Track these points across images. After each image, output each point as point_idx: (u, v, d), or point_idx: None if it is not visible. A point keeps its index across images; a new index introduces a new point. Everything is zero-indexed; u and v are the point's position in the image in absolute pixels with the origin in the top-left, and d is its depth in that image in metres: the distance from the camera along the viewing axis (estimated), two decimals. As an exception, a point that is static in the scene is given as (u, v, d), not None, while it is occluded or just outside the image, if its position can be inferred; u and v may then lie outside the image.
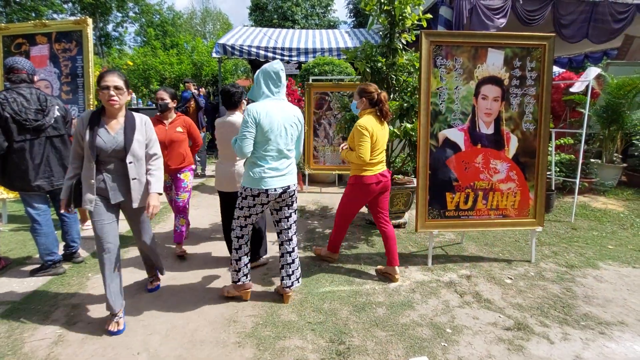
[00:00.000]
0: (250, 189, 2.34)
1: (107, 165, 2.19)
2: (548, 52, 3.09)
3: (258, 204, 2.37)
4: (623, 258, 3.36)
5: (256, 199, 2.35)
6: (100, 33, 24.13)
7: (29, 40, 4.22)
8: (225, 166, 2.92)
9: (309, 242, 3.79)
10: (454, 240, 3.80)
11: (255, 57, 8.59)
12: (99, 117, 2.18)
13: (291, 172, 2.44)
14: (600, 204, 5.02)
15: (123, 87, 2.14)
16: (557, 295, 2.71)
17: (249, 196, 2.36)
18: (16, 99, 2.68)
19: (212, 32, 30.89)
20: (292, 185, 2.43)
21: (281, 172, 2.36)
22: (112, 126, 2.18)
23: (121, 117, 2.22)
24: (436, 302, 2.61)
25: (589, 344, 2.17)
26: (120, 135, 2.17)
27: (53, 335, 2.22)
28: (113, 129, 2.18)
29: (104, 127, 2.16)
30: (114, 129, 2.18)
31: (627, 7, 6.31)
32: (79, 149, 2.21)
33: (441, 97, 3.09)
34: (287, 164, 2.41)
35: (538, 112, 3.16)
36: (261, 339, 2.20)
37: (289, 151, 2.40)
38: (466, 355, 2.06)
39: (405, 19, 3.77)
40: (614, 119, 5.51)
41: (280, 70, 2.36)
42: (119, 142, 2.16)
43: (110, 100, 2.10)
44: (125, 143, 2.17)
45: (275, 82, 2.36)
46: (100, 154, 2.13)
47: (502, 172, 3.18)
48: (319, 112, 6.01)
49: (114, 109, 2.15)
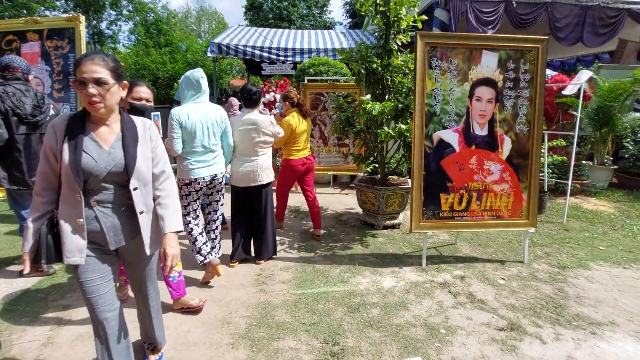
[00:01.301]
0: (183, 179, 2.71)
1: (99, 195, 1.49)
2: (541, 54, 3.12)
3: (192, 191, 2.74)
4: (614, 259, 3.40)
5: (189, 187, 2.72)
6: (94, 31, 23.87)
7: (20, 37, 4.16)
8: (244, 162, 3.08)
9: (304, 242, 3.78)
10: (448, 241, 3.82)
11: (251, 56, 8.57)
12: (83, 123, 1.47)
13: (218, 163, 2.82)
14: (592, 205, 5.08)
15: (109, 79, 1.41)
16: (550, 296, 2.73)
17: (184, 185, 2.73)
18: (15, 92, 2.70)
19: (207, 31, 30.74)
20: (219, 174, 2.83)
21: (208, 164, 2.74)
22: (103, 137, 1.49)
23: (115, 123, 1.53)
24: (430, 303, 2.62)
25: (581, 344, 2.19)
26: (118, 150, 1.49)
27: (43, 337, 2.18)
28: (106, 140, 1.49)
29: (92, 139, 1.46)
30: (107, 140, 1.49)
31: (618, 12, 6.40)
32: (50, 175, 1.48)
33: (436, 98, 3.10)
34: (213, 156, 2.79)
35: (531, 114, 3.19)
36: (255, 340, 2.19)
37: (213, 145, 2.77)
38: (460, 356, 2.07)
39: (401, 20, 3.77)
40: (605, 122, 5.59)
41: (200, 78, 2.67)
42: (117, 160, 1.48)
43: (91, 104, 1.40)
44: (127, 160, 1.48)
45: (196, 88, 2.69)
46: (89, 180, 1.45)
47: (495, 174, 3.20)
48: (314, 112, 6.01)
49: (99, 113, 1.46)
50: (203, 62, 14.30)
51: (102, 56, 1.43)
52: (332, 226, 4.28)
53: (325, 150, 6.10)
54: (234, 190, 3.19)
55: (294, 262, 3.30)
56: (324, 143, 6.08)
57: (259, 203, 3.18)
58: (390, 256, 3.43)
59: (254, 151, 3.09)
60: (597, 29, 6.42)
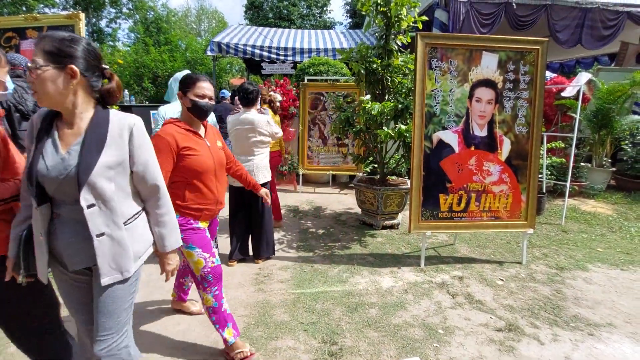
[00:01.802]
0: None
1: (59, 207, 1.25)
2: (541, 56, 3.13)
3: None
4: (611, 260, 3.41)
5: None
6: (93, 29, 23.82)
7: (19, 34, 4.14)
8: (240, 161, 3.05)
9: (302, 242, 3.78)
10: (447, 242, 3.82)
11: (251, 56, 8.56)
12: (52, 121, 1.26)
13: None
14: (590, 207, 5.09)
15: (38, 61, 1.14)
16: (548, 297, 2.74)
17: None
18: (17, 89, 2.71)
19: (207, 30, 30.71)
20: None
21: None
22: (65, 138, 1.23)
23: (82, 121, 1.24)
24: (428, 303, 2.62)
25: (578, 345, 2.19)
26: (74, 156, 1.19)
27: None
28: (66, 143, 1.22)
29: (52, 141, 1.22)
30: (67, 143, 1.22)
31: (617, 14, 6.42)
32: None
33: (436, 99, 3.10)
34: None
35: (531, 115, 3.19)
36: (253, 339, 2.18)
37: None
38: (458, 356, 2.07)
39: (401, 20, 3.78)
40: (603, 124, 5.60)
41: None
42: (69, 169, 1.18)
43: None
44: (79, 170, 1.17)
45: None
46: (46, 188, 1.21)
47: (494, 175, 3.21)
48: (314, 112, 6.01)
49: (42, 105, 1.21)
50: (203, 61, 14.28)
51: (42, 39, 1.17)
52: (331, 226, 4.28)
53: (325, 150, 6.10)
54: (231, 190, 3.18)
55: (293, 261, 3.30)
56: (324, 143, 6.08)
57: (256, 203, 3.17)
58: (389, 256, 3.44)
59: (250, 151, 3.09)
60: (597, 31, 6.44)
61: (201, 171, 1.84)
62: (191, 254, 1.86)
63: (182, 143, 1.79)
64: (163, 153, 1.72)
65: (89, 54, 1.23)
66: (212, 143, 1.98)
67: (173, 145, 1.76)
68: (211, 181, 1.92)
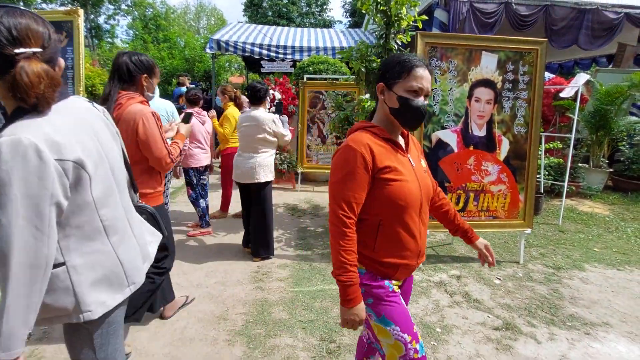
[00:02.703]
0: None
1: None
2: (540, 56, 3.14)
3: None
4: (608, 260, 3.43)
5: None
6: (91, 25, 23.69)
7: (17, 29, 4.11)
8: (244, 158, 3.13)
9: (301, 240, 3.78)
10: (445, 241, 3.84)
11: (250, 54, 8.53)
12: None
13: None
14: (587, 207, 5.12)
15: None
16: (544, 296, 2.75)
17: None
18: None
19: (206, 28, 30.62)
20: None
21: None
22: None
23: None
24: (426, 302, 2.63)
25: (575, 344, 2.21)
26: None
27: (38, 332, 2.17)
28: None
29: None
30: None
31: (617, 15, 6.44)
32: None
33: (435, 98, 3.11)
34: None
35: (529, 115, 3.21)
36: (251, 337, 2.19)
37: None
38: (455, 355, 2.08)
39: (401, 19, 3.77)
40: (601, 125, 5.63)
41: None
42: None
43: None
44: None
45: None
46: None
47: (493, 174, 3.22)
48: (313, 110, 6.00)
49: None
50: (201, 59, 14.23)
51: None
52: (330, 225, 4.28)
53: (324, 148, 6.10)
54: (238, 186, 3.33)
55: (291, 259, 3.30)
56: (322, 141, 6.08)
57: (256, 201, 3.18)
58: (387, 255, 3.44)
59: (254, 148, 3.12)
60: (595, 32, 6.45)
61: (404, 205, 1.19)
62: (384, 331, 1.20)
63: (381, 160, 1.17)
64: (356, 174, 1.14)
65: None
66: (416, 162, 1.29)
67: (369, 161, 1.15)
68: (414, 221, 1.23)
